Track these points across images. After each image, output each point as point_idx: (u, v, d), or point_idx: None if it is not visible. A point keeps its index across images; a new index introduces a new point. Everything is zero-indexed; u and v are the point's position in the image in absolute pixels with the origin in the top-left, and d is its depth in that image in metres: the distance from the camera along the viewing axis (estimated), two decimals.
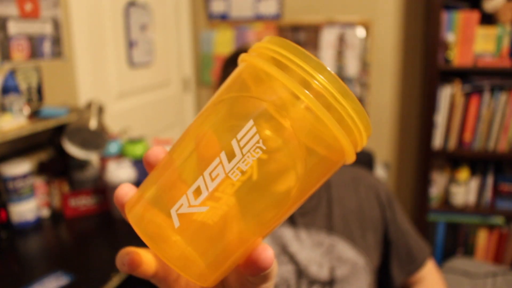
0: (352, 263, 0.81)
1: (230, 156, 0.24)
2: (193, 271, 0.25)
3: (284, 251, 0.81)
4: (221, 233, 0.25)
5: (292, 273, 0.80)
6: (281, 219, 0.27)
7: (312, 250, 0.81)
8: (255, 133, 0.23)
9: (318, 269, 0.80)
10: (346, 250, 0.82)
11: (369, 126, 0.26)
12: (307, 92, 0.24)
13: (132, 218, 0.26)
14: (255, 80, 0.25)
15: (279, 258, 0.81)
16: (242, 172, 0.24)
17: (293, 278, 0.79)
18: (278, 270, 0.79)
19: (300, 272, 0.79)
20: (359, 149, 0.26)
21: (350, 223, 0.85)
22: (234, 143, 0.24)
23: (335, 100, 0.24)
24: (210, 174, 0.24)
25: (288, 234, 0.82)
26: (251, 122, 0.24)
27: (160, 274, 0.30)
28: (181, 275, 0.31)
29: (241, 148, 0.23)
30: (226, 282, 0.31)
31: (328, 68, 0.25)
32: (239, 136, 0.24)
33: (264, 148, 0.23)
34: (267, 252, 0.25)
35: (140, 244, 0.27)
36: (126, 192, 0.28)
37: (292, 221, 0.83)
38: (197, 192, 0.24)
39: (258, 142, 0.23)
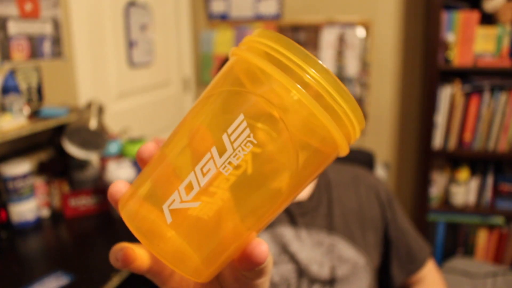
0: (353, 262, 0.81)
1: (221, 151, 0.23)
2: (188, 266, 0.25)
3: (284, 250, 0.81)
4: (216, 228, 0.25)
5: (292, 272, 0.79)
6: (275, 213, 0.26)
7: (313, 250, 0.81)
8: (246, 127, 0.23)
9: (319, 268, 0.80)
10: (346, 250, 0.82)
11: (362, 119, 0.26)
12: (298, 86, 0.24)
13: (125, 214, 0.26)
14: (247, 75, 0.25)
15: (279, 258, 0.81)
16: (234, 167, 0.23)
17: (294, 277, 0.79)
18: (279, 269, 0.80)
19: (301, 271, 0.79)
20: (352, 142, 0.26)
21: (350, 223, 0.85)
22: (225, 137, 0.23)
23: (327, 93, 0.24)
24: (201, 169, 0.24)
25: (288, 233, 0.82)
26: (241, 116, 0.23)
27: (154, 269, 0.30)
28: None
29: (232, 143, 0.23)
30: (221, 277, 0.31)
31: (320, 61, 0.25)
32: (229, 130, 0.23)
33: (255, 142, 0.23)
34: (261, 246, 0.25)
35: (137, 240, 0.27)
36: (120, 188, 0.28)
37: (292, 221, 0.83)
38: (189, 187, 0.24)
39: (249, 136, 0.23)
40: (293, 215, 0.83)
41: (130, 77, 1.94)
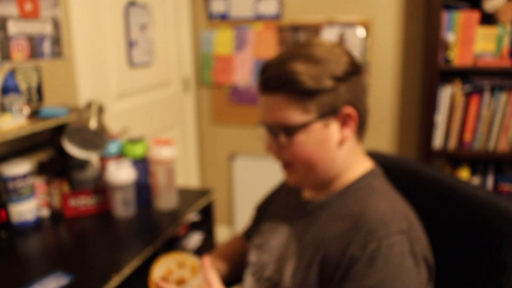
0: (274, 282, 0.83)
1: None
2: None
3: (265, 243, 0.90)
4: None
5: (257, 261, 0.90)
6: None
7: (279, 249, 0.86)
8: None
9: (273, 270, 0.85)
10: (287, 270, 0.80)
11: None
12: None
13: None
14: None
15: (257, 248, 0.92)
16: None
17: (256, 265, 0.90)
18: (251, 255, 0.92)
19: (261, 268, 0.88)
20: None
21: (309, 250, 0.78)
22: None
23: None
24: None
25: (279, 232, 0.88)
26: None
27: None
28: None
29: None
30: None
31: None
32: None
33: None
34: None
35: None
36: None
37: (286, 220, 0.88)
38: None
39: None
40: (291, 218, 0.87)
41: (130, 77, 1.94)
